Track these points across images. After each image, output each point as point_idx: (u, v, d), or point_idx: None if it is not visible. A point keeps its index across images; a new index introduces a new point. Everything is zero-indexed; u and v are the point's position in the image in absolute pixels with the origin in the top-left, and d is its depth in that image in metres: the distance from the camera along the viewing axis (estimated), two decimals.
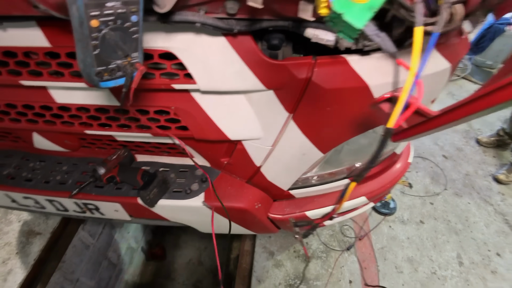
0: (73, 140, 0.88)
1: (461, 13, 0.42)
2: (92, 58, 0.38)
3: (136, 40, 0.41)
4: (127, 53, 0.40)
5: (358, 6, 0.25)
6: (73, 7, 0.35)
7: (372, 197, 0.97)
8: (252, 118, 0.70)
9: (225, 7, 0.52)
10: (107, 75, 0.40)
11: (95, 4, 0.36)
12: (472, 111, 0.39)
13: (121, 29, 0.38)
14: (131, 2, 0.38)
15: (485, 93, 0.35)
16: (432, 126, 0.45)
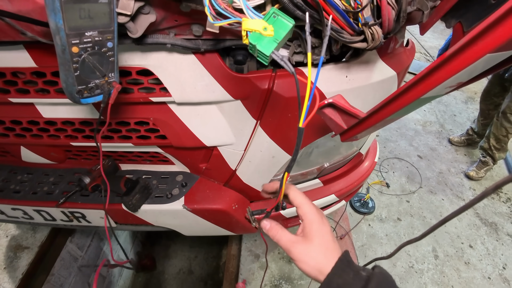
0: (59, 153, 0.93)
1: (380, 33, 0.51)
2: (74, 79, 0.45)
3: (112, 62, 0.48)
4: (104, 73, 0.48)
5: (266, 39, 0.34)
6: (57, 37, 0.42)
7: (342, 195, 1.06)
8: (224, 125, 0.78)
9: (191, 30, 0.60)
10: (87, 93, 0.47)
11: (76, 34, 0.43)
12: (391, 111, 0.48)
13: (99, 53, 0.46)
14: (106, 31, 0.45)
15: (398, 94, 0.44)
16: (366, 126, 0.54)
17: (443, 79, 0.36)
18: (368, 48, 0.53)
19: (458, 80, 0.38)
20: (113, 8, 0.45)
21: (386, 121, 0.53)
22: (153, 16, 0.52)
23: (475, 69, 0.36)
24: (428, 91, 0.39)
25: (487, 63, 0.35)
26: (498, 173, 2.41)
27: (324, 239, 0.43)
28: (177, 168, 0.97)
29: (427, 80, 0.39)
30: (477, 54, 0.30)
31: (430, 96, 0.44)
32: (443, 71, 0.36)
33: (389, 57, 0.77)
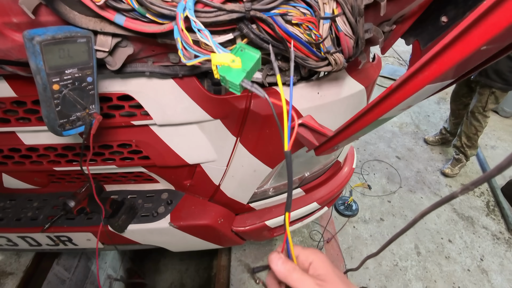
0: (43, 177, 0.93)
1: (341, 58, 0.56)
2: (55, 114, 0.47)
3: (93, 95, 0.51)
4: (85, 106, 0.50)
5: (235, 70, 0.38)
6: (38, 76, 0.45)
7: (323, 202, 1.10)
8: (205, 143, 0.81)
9: (169, 58, 0.63)
10: (68, 126, 0.49)
11: (56, 72, 0.45)
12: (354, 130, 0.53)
13: (79, 88, 0.48)
14: (86, 67, 0.48)
15: (359, 116, 0.49)
16: (335, 142, 0.59)
17: (393, 105, 0.41)
18: (334, 71, 0.58)
19: (407, 104, 0.44)
20: (91, 46, 0.47)
21: (352, 138, 0.58)
22: (131, 49, 0.55)
23: (421, 96, 0.41)
24: (383, 114, 0.45)
25: (430, 90, 0.41)
26: (471, 169, 2.55)
27: (345, 280, 0.38)
28: (162, 186, 0.99)
29: (380, 106, 0.44)
30: (419, 86, 0.36)
31: (387, 117, 0.49)
32: (392, 99, 0.41)
33: (357, 72, 0.83)
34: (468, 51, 0.28)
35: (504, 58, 1.88)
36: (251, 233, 1.02)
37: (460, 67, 0.31)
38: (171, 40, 0.49)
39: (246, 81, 0.37)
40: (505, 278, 1.80)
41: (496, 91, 2.08)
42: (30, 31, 0.40)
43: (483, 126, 2.22)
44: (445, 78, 0.33)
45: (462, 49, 0.28)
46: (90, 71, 0.48)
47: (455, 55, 0.29)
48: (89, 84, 0.49)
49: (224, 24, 0.47)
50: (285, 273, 0.38)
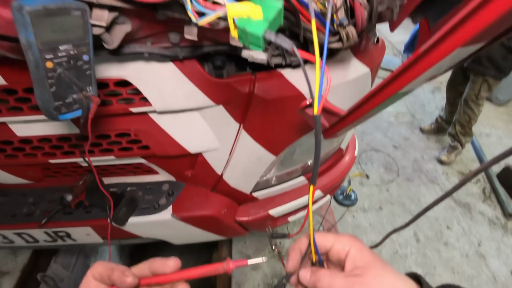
0: (37, 171, 0.89)
1: (354, 33, 0.54)
2: (50, 95, 0.44)
3: (90, 76, 0.47)
4: (82, 87, 0.46)
5: (256, 21, 0.33)
6: (29, 52, 0.41)
7: (327, 189, 1.09)
8: (207, 131, 0.78)
9: (169, 38, 0.60)
10: (64, 109, 0.46)
11: (49, 48, 0.42)
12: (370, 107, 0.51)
13: (75, 67, 0.45)
14: (81, 44, 0.44)
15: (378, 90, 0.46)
16: (347, 122, 0.56)
17: (418, 74, 0.39)
18: (344, 47, 0.56)
19: (431, 73, 0.41)
20: (87, 20, 0.44)
21: (366, 116, 0.56)
22: (129, 26, 0.51)
23: (447, 63, 0.39)
24: (405, 85, 0.42)
25: (457, 57, 0.38)
26: (467, 157, 2.58)
27: (389, 267, 0.34)
28: (162, 177, 0.96)
29: (403, 76, 0.41)
30: (449, 49, 0.33)
31: (407, 91, 0.47)
32: (418, 66, 0.38)
33: (362, 54, 0.81)
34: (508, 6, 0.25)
35: (497, 45, 1.89)
36: (254, 223, 1.01)
37: (496, 26, 0.28)
38: (173, 12, 0.46)
39: (270, 31, 0.34)
40: (502, 262, 1.83)
41: (489, 79, 2.08)
42: (19, 0, 0.36)
43: (477, 114, 2.24)
44: (479, 39, 0.31)
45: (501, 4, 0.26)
46: (86, 48, 0.45)
47: (494, 11, 0.26)
48: (85, 63, 0.46)
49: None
50: (315, 283, 0.36)
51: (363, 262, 0.35)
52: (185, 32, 0.49)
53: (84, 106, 0.48)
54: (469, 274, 1.75)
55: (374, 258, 0.35)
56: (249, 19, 0.33)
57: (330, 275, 0.35)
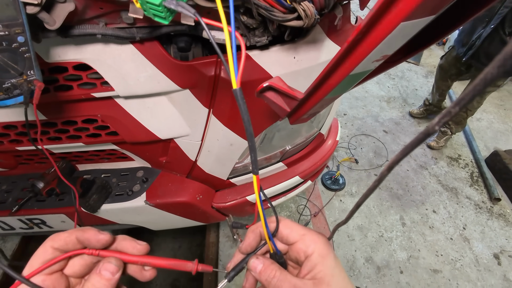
0: (9, 158, 0.88)
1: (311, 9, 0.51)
2: None
3: (29, 59, 0.45)
4: (21, 71, 0.44)
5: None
6: None
7: (306, 175, 1.08)
8: (176, 116, 0.76)
9: (122, 18, 0.56)
10: (2, 94, 0.44)
11: None
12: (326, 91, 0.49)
13: (9, 50, 0.42)
14: (13, 24, 0.41)
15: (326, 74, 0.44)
16: (308, 107, 0.55)
17: (365, 54, 0.37)
18: (305, 26, 0.53)
19: (382, 52, 0.39)
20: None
21: (327, 100, 0.54)
22: (71, 5, 0.48)
23: (397, 40, 0.36)
24: (354, 67, 0.40)
25: (407, 32, 0.36)
26: (456, 141, 2.57)
27: (343, 282, 0.32)
28: (137, 164, 0.95)
29: (350, 57, 0.39)
30: (391, 25, 0.31)
31: (361, 72, 0.45)
32: (363, 46, 0.36)
33: (337, 35, 0.78)
34: None
35: (497, 42, 1.80)
36: (232, 208, 1.01)
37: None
38: None
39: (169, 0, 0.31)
40: (486, 245, 1.87)
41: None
42: None
43: (476, 107, 2.18)
44: (423, 12, 0.29)
45: None
46: (20, 29, 0.42)
47: None
48: (21, 45, 0.43)
49: None
50: (263, 281, 0.34)
51: (321, 274, 0.32)
52: (130, 10, 0.46)
53: (25, 91, 0.45)
54: (453, 257, 1.78)
55: (334, 271, 0.32)
56: None
57: (280, 279, 0.32)
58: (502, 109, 3.02)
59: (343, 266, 1.49)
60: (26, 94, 0.46)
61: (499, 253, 1.83)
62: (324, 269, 0.32)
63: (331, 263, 0.33)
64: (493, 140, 2.62)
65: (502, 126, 2.80)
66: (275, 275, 0.33)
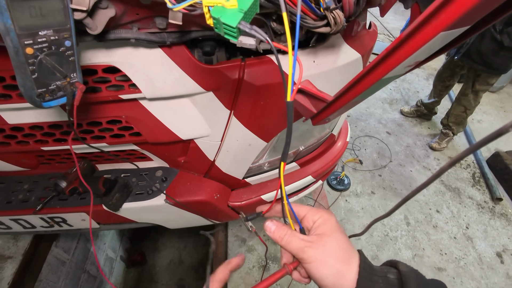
0: (31, 158, 0.90)
1: (341, 17, 0.54)
2: (32, 82, 0.44)
3: (73, 62, 0.47)
4: (65, 74, 0.46)
5: (230, 10, 0.33)
6: (7, 38, 0.40)
7: (318, 175, 1.11)
8: (198, 117, 0.78)
9: (155, 23, 0.59)
10: (48, 96, 0.46)
11: (28, 34, 0.41)
12: (356, 93, 0.52)
13: (57, 53, 0.44)
14: (62, 29, 0.44)
15: (361, 77, 0.47)
16: (334, 108, 0.57)
17: (402, 60, 0.39)
18: (332, 32, 0.56)
19: (416, 59, 0.41)
20: (67, 4, 0.43)
21: (353, 103, 0.56)
22: (112, 11, 0.51)
23: (432, 48, 0.39)
24: (389, 71, 0.43)
25: (442, 41, 0.38)
26: (458, 143, 2.62)
27: (342, 239, 0.39)
28: (155, 163, 0.97)
29: (387, 62, 0.42)
30: (431, 34, 0.33)
31: (392, 76, 0.47)
32: (400, 52, 0.38)
33: (353, 40, 0.81)
34: None
35: (488, 39, 1.82)
36: (247, 207, 1.03)
37: (478, 9, 0.28)
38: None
39: (244, 23, 0.33)
40: (489, 244, 1.90)
41: (482, 74, 2.01)
42: None
43: (473, 105, 2.21)
44: (461, 23, 0.31)
45: None
46: (68, 33, 0.44)
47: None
48: (68, 49, 0.45)
49: None
50: (276, 238, 0.41)
51: (322, 231, 0.39)
52: (169, 17, 0.48)
53: (69, 93, 0.48)
54: (457, 256, 1.82)
55: (333, 229, 0.40)
56: (223, 8, 0.33)
57: (290, 235, 0.40)
58: (502, 111, 3.06)
59: None
60: (69, 95, 0.48)
61: (501, 252, 1.87)
62: (326, 227, 0.40)
63: (333, 224, 0.40)
64: (494, 141, 2.66)
65: None
66: (286, 232, 0.40)
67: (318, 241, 0.38)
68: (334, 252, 0.37)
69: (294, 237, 0.39)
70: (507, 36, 1.71)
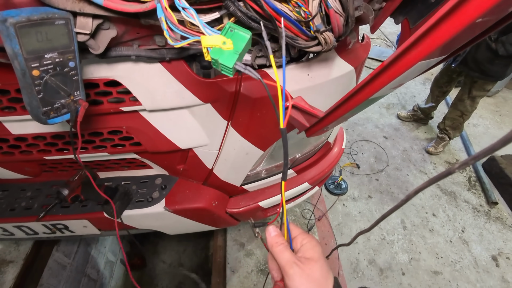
0: (34, 167, 0.92)
1: (331, 37, 0.56)
2: (38, 101, 0.46)
3: (77, 81, 0.49)
4: (69, 92, 0.49)
5: (227, 52, 0.37)
6: (15, 61, 0.43)
7: (314, 182, 1.13)
8: (197, 128, 0.81)
9: (155, 40, 0.61)
10: (53, 113, 0.48)
11: (35, 57, 0.43)
12: (345, 111, 0.54)
13: (61, 74, 0.47)
14: (67, 51, 0.46)
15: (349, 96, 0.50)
16: (325, 123, 0.60)
17: (385, 83, 0.42)
18: (323, 51, 0.58)
19: (399, 82, 0.44)
20: (71, 29, 0.45)
21: (343, 118, 0.59)
22: (114, 32, 0.53)
23: (412, 73, 0.42)
24: (375, 92, 0.45)
25: (421, 68, 0.41)
26: (454, 147, 2.64)
27: (325, 266, 0.42)
28: (155, 171, 0.99)
29: (372, 84, 0.44)
30: (411, 62, 0.36)
31: (378, 96, 0.50)
32: (384, 76, 0.41)
33: (346, 53, 0.83)
34: (462, 24, 0.28)
35: (483, 48, 1.86)
36: (245, 214, 1.05)
37: (453, 42, 0.31)
38: (155, 21, 0.48)
39: (239, 63, 0.37)
40: (484, 247, 1.93)
41: (478, 80, 2.06)
42: (3, 13, 0.38)
43: (470, 110, 2.25)
44: (437, 54, 0.34)
45: (456, 23, 0.28)
46: (72, 55, 0.47)
47: (449, 29, 0.29)
48: (71, 70, 0.48)
49: (209, 2, 0.46)
50: (272, 243, 0.44)
51: (310, 255, 0.43)
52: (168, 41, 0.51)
53: (72, 110, 0.50)
54: (453, 259, 1.84)
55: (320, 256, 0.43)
56: (221, 50, 0.36)
57: (284, 247, 0.43)
58: (498, 115, 3.10)
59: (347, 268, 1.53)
60: (73, 112, 0.51)
61: (497, 255, 1.89)
62: (314, 253, 0.43)
63: (319, 251, 0.44)
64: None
65: (498, 132, 2.88)
66: (283, 242, 0.44)
67: (306, 263, 0.41)
68: (316, 278, 0.40)
69: (288, 250, 0.43)
70: (502, 45, 1.74)
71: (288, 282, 0.40)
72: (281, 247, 0.43)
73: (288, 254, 0.42)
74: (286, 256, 0.42)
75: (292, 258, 0.41)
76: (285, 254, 0.42)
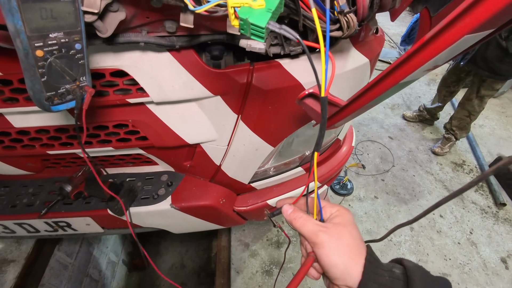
0: (36, 162, 0.89)
1: (355, 20, 0.53)
2: (41, 85, 0.43)
3: (83, 65, 0.46)
4: (75, 77, 0.45)
5: (258, 10, 0.32)
6: (17, 40, 0.39)
7: (324, 180, 1.10)
8: (205, 122, 0.78)
9: (164, 26, 0.58)
10: (57, 99, 0.45)
11: (38, 36, 0.40)
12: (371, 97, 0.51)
13: (67, 56, 0.43)
14: (73, 32, 0.43)
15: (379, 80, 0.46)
16: (346, 113, 0.56)
17: (422, 63, 0.38)
18: (344, 36, 0.55)
19: (435, 63, 0.41)
20: (78, 7, 0.42)
21: (366, 107, 0.56)
22: (123, 14, 0.50)
23: (453, 51, 0.38)
24: (407, 75, 0.42)
25: (464, 44, 0.37)
26: (460, 147, 2.61)
27: (355, 232, 0.40)
28: (161, 168, 0.96)
29: (406, 65, 0.40)
30: (455, 36, 0.32)
31: (408, 81, 0.47)
32: (422, 54, 0.37)
33: (361, 45, 0.80)
34: None
35: (493, 46, 1.83)
36: (252, 212, 1.02)
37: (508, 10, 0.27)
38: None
39: (273, 22, 0.33)
40: (493, 249, 1.89)
41: (487, 79, 2.02)
42: None
43: (478, 110, 2.21)
44: (488, 26, 0.30)
45: None
46: (78, 36, 0.43)
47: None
48: (78, 52, 0.45)
49: None
50: (291, 220, 0.43)
51: (338, 221, 0.41)
52: (181, 20, 0.48)
53: (78, 96, 0.47)
54: (461, 261, 1.80)
55: (349, 222, 0.42)
56: (251, 9, 0.32)
57: (305, 219, 0.42)
58: (504, 116, 3.07)
59: None
60: (78, 99, 0.47)
61: (506, 257, 1.85)
62: (342, 219, 0.41)
63: (349, 217, 0.42)
64: (496, 146, 2.66)
65: (504, 133, 2.85)
66: (302, 216, 0.42)
67: (333, 228, 0.39)
68: (347, 242, 0.38)
69: (309, 221, 0.41)
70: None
71: (318, 251, 0.38)
72: (301, 220, 0.42)
73: (311, 225, 0.40)
74: (309, 227, 0.40)
75: (316, 227, 0.40)
76: (308, 226, 0.40)
